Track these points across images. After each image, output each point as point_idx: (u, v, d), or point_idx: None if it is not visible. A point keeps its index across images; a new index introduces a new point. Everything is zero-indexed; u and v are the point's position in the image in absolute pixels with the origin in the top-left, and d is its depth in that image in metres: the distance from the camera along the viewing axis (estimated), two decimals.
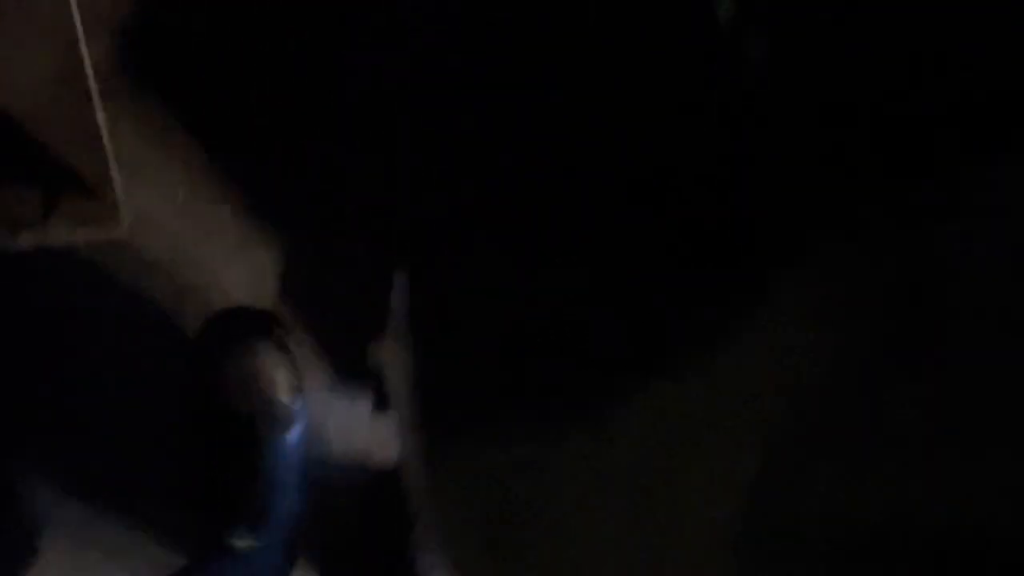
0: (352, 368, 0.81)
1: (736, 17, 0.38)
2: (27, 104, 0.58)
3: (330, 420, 0.82)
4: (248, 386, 0.75)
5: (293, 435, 0.77)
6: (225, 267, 0.76)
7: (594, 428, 0.40)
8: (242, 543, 0.67)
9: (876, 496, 0.29)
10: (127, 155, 0.69)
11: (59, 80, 0.59)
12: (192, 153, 0.72)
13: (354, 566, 0.83)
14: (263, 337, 0.76)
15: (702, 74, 0.41)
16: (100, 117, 0.63)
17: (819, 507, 0.30)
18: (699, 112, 0.40)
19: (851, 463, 0.30)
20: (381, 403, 0.80)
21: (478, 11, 0.58)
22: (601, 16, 0.46)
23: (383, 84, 0.73)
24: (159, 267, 0.74)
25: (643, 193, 0.41)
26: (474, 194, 0.57)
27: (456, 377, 0.52)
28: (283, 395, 0.77)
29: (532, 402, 0.45)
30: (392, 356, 0.59)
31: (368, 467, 0.84)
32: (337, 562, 0.83)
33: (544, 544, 0.42)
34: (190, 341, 0.77)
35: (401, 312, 0.63)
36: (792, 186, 0.35)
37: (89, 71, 0.60)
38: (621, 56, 0.45)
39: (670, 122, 0.41)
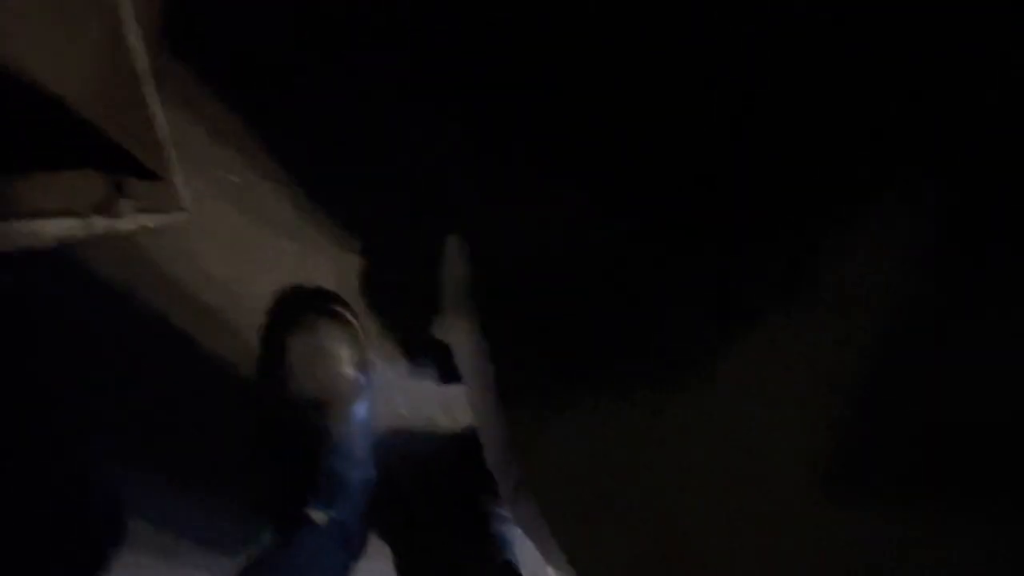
0: (417, 339, 0.81)
1: None
2: (82, 93, 0.58)
3: (397, 392, 0.83)
4: (314, 363, 0.76)
5: (360, 408, 0.78)
6: (285, 246, 0.77)
7: (672, 379, 0.39)
8: (319, 516, 0.68)
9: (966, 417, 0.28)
10: (185, 141, 0.70)
11: (110, 69, 0.59)
12: (248, 136, 0.72)
13: (424, 533, 0.84)
14: (325, 315, 0.77)
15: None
16: (153, 103, 0.63)
17: (907, 435, 0.30)
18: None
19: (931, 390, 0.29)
20: (448, 372, 0.80)
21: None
22: None
23: (432, 59, 0.72)
24: (219, 248, 0.75)
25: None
26: (531, 150, 0.56)
27: (526, 338, 0.51)
28: (348, 370, 0.77)
29: (606, 359, 0.44)
30: (458, 324, 0.59)
31: (437, 435, 0.85)
32: (407, 529, 0.85)
33: (630, 495, 0.41)
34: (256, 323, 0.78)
35: (461, 279, 0.63)
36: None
37: (139, 58, 0.60)
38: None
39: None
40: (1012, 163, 0.27)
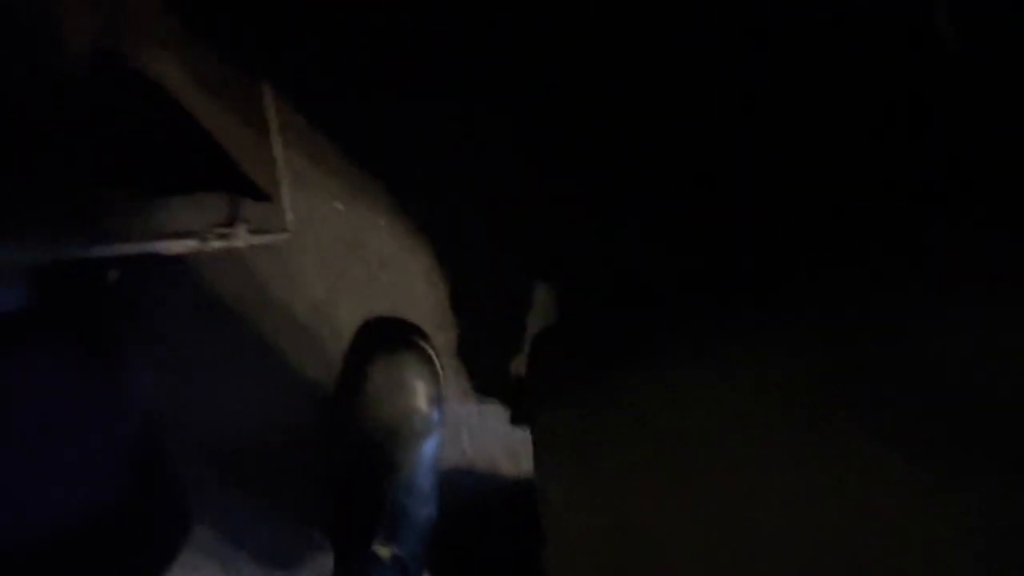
0: (491, 379, 0.81)
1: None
2: (224, 132, 0.62)
3: (464, 430, 0.83)
4: (391, 394, 0.77)
5: (430, 444, 0.78)
6: (377, 274, 0.78)
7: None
8: (383, 550, 0.68)
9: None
10: (294, 169, 0.72)
11: (249, 120, 0.64)
12: (352, 167, 0.75)
13: None
14: (408, 348, 0.78)
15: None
16: (275, 140, 0.67)
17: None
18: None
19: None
20: (517, 415, 0.80)
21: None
22: None
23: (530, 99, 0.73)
24: (314, 269, 0.77)
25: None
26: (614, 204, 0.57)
27: (603, 392, 0.51)
28: (422, 404, 0.78)
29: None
30: (533, 368, 0.59)
31: (498, 480, 0.85)
32: (459, 573, 0.84)
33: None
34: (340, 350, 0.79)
35: (545, 326, 0.63)
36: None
37: (271, 115, 0.64)
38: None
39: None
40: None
